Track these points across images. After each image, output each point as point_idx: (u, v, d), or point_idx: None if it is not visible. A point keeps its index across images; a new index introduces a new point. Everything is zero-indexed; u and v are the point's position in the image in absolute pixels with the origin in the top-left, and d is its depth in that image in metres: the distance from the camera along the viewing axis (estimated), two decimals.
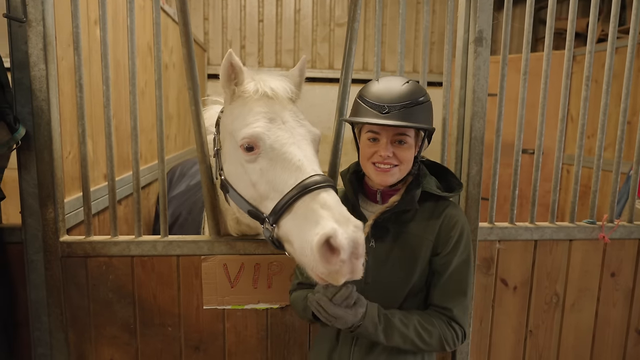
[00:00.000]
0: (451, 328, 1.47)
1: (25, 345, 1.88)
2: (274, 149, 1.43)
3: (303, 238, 1.26)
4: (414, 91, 1.44)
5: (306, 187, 1.32)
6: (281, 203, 1.35)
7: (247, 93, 1.55)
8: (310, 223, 1.25)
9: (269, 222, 1.38)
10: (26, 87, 1.71)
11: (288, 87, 1.59)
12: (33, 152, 1.75)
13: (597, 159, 2.11)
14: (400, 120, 1.39)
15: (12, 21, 1.67)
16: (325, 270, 1.21)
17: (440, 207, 1.53)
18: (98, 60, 2.29)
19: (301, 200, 1.31)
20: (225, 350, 1.95)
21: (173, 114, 4.05)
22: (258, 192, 1.44)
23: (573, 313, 2.17)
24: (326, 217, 1.24)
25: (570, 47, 2.00)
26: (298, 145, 1.45)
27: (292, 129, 1.49)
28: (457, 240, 1.49)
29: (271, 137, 1.44)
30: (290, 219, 1.33)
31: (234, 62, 1.52)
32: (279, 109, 1.52)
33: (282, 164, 1.40)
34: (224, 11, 5.97)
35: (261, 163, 1.44)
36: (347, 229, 1.20)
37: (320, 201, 1.28)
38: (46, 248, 1.80)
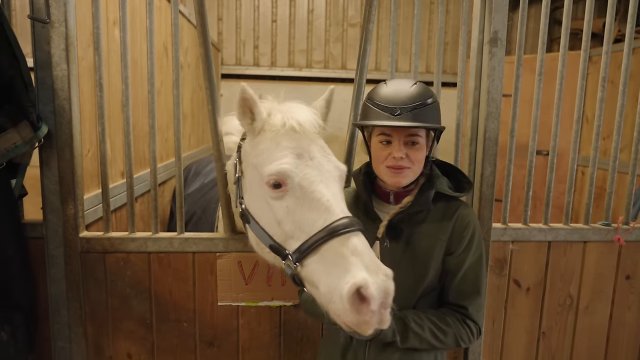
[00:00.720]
0: (466, 325, 1.49)
1: (46, 338, 1.93)
2: (302, 187, 1.36)
3: (332, 285, 1.21)
4: (422, 93, 1.45)
5: (335, 230, 1.27)
6: (308, 244, 1.29)
7: (274, 127, 1.47)
8: (340, 269, 1.21)
9: (292, 260, 1.33)
10: (49, 86, 1.76)
11: (315, 120, 1.52)
12: (54, 150, 1.79)
13: (613, 160, 2.10)
14: (411, 121, 1.40)
15: (35, 22, 1.71)
16: (354, 320, 1.17)
17: (452, 207, 1.55)
18: (116, 61, 2.33)
19: (329, 243, 1.26)
20: (239, 346, 1.98)
21: (187, 114, 4.10)
22: (283, 230, 1.37)
23: (587, 315, 2.16)
24: (357, 264, 1.19)
25: (587, 48, 1.99)
26: (326, 184, 1.38)
27: (320, 166, 1.43)
28: (469, 239, 1.51)
29: (299, 175, 1.37)
30: (316, 261, 1.28)
31: (247, 96, 1.45)
32: (306, 144, 1.45)
33: (310, 203, 1.34)
34: (237, 12, 6.01)
35: (288, 201, 1.36)
36: (377, 278, 1.17)
37: (350, 247, 1.23)
38: (66, 243, 1.84)
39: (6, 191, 1.74)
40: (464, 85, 1.98)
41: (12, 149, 1.66)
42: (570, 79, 2.15)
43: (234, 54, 6.05)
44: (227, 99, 5.90)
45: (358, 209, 1.59)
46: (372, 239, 1.50)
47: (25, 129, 1.67)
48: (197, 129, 4.54)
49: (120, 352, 1.95)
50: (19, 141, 1.67)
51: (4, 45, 1.63)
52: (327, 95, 1.67)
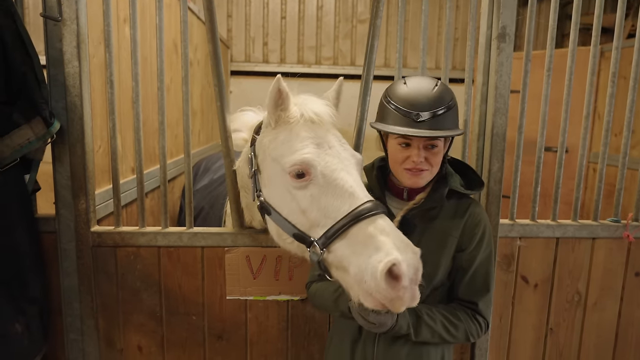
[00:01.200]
0: (475, 321, 1.53)
1: (59, 331, 1.97)
2: (324, 175, 1.39)
3: (362, 265, 1.23)
4: (444, 96, 1.44)
5: (361, 214, 1.30)
6: (334, 229, 1.31)
7: (292, 118, 1.51)
8: (370, 249, 1.23)
9: (319, 245, 1.34)
10: (61, 83, 1.79)
11: (331, 111, 1.56)
12: (67, 146, 1.82)
13: (623, 156, 2.08)
14: (433, 128, 1.40)
15: (48, 20, 1.74)
16: (388, 296, 1.19)
17: (463, 204, 1.56)
18: (127, 58, 2.36)
19: (357, 226, 1.29)
20: (247, 339, 2.01)
21: (197, 110, 4.13)
22: (308, 218, 1.39)
23: (595, 312, 2.15)
24: (387, 243, 1.23)
25: (597, 43, 1.98)
26: (347, 171, 1.42)
27: (339, 154, 1.47)
28: (480, 237, 1.54)
29: (321, 163, 1.41)
30: (344, 245, 1.30)
31: (282, 87, 1.48)
32: (323, 134, 1.50)
33: (333, 190, 1.37)
34: (247, 8, 6.03)
35: (312, 190, 1.39)
36: (407, 255, 1.20)
37: (379, 227, 1.27)
38: (78, 238, 1.88)
39: (20, 186, 1.78)
40: (472, 81, 1.97)
41: (25, 145, 1.70)
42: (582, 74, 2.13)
43: (244, 50, 6.08)
44: (236, 95, 5.93)
45: None
46: None
47: (38, 125, 1.71)
48: (206, 126, 4.58)
49: (130, 344, 1.99)
50: (32, 137, 1.70)
51: (17, 43, 1.66)
52: (337, 87, 1.70)
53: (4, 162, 1.68)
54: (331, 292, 1.57)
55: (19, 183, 1.78)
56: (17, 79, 1.67)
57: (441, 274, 1.53)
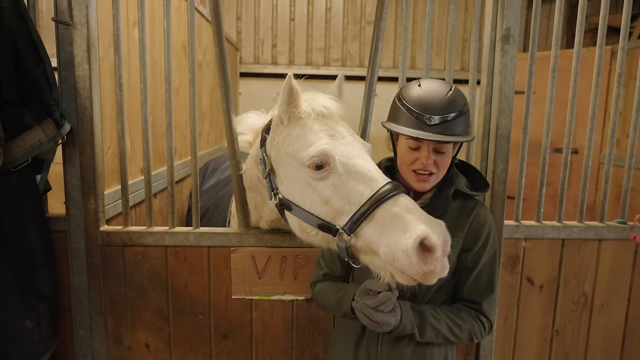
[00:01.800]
0: (479, 321, 1.54)
1: (68, 328, 2.01)
2: (343, 164, 1.43)
3: (393, 244, 1.25)
4: (457, 101, 1.44)
5: (384, 195, 1.32)
6: (359, 213, 1.33)
7: (304, 114, 1.55)
8: (399, 228, 1.26)
9: (346, 232, 1.35)
10: (71, 85, 1.83)
11: (338, 105, 1.61)
12: (77, 147, 1.87)
13: (629, 157, 2.07)
14: (444, 132, 1.41)
15: (59, 24, 1.79)
16: (421, 270, 1.21)
17: (469, 205, 1.57)
18: (136, 60, 2.40)
19: (382, 207, 1.31)
20: (252, 338, 2.03)
21: (206, 112, 4.18)
22: (332, 207, 1.41)
23: (602, 314, 2.14)
24: (414, 220, 1.25)
25: (602, 44, 1.97)
26: (363, 158, 1.47)
27: (352, 143, 1.51)
28: (485, 238, 1.55)
29: (338, 153, 1.45)
30: (371, 227, 1.32)
31: (293, 85, 1.52)
32: (334, 125, 1.55)
33: (354, 177, 1.40)
34: (256, 10, 6.08)
35: (333, 179, 1.42)
36: (434, 228, 1.23)
37: (403, 206, 1.29)
38: (87, 237, 1.92)
39: (31, 186, 1.83)
40: (476, 82, 1.98)
41: (37, 146, 1.74)
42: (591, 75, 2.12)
43: (253, 52, 6.12)
44: (245, 97, 5.98)
45: None
46: None
47: (49, 127, 1.75)
48: (215, 127, 4.62)
49: (138, 342, 2.02)
50: (44, 138, 1.75)
51: (29, 47, 1.71)
52: (338, 82, 1.78)
53: (16, 162, 1.72)
54: (334, 293, 1.59)
55: (31, 183, 1.82)
56: (29, 81, 1.72)
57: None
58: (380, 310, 1.39)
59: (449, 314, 1.52)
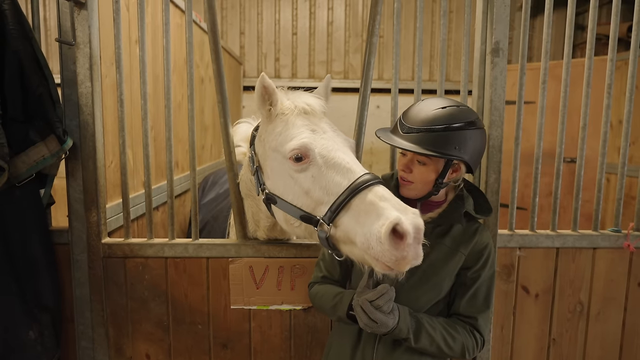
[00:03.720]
0: (473, 336, 1.57)
1: (71, 339, 2.05)
2: (323, 156, 1.50)
3: (367, 232, 1.30)
4: (444, 117, 1.47)
5: (360, 185, 1.38)
6: (337, 202, 1.39)
7: (287, 110, 1.63)
8: (372, 216, 1.31)
9: (326, 222, 1.42)
10: (74, 102, 1.90)
11: (321, 103, 1.69)
12: (79, 162, 1.93)
13: (622, 166, 2.10)
14: (415, 143, 1.46)
15: (62, 44, 1.86)
16: (393, 257, 1.25)
17: (472, 226, 1.62)
18: (138, 77, 2.48)
19: (358, 197, 1.37)
20: (251, 348, 2.06)
21: (209, 125, 4.25)
22: (312, 198, 1.48)
23: (598, 322, 2.14)
24: (388, 207, 1.30)
25: (591, 56, 2.01)
26: (342, 151, 1.54)
27: (333, 138, 1.59)
28: (486, 258, 1.60)
29: (318, 146, 1.52)
30: (348, 217, 1.37)
31: (266, 84, 1.60)
32: (317, 121, 1.63)
33: (332, 168, 1.47)
34: (259, 25, 6.19)
35: (312, 171, 1.50)
36: (408, 215, 1.27)
37: (378, 194, 1.35)
38: (89, 249, 1.97)
39: (35, 200, 1.89)
40: (466, 94, 2.02)
41: (40, 161, 1.80)
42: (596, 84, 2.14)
43: (256, 66, 6.22)
44: (249, 110, 6.06)
45: None
46: None
47: (53, 143, 1.82)
48: (218, 140, 4.69)
49: (139, 352, 2.06)
50: (47, 154, 1.81)
51: (34, 67, 1.78)
52: (325, 83, 1.87)
53: (21, 177, 1.78)
54: (331, 297, 1.62)
55: (35, 197, 1.89)
56: (34, 99, 1.78)
57: (445, 287, 1.58)
58: (380, 308, 1.42)
59: (444, 324, 1.55)
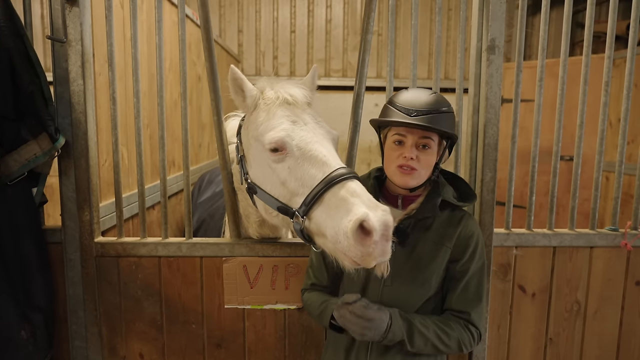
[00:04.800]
0: (468, 331, 1.55)
1: (64, 338, 2.04)
2: (300, 148, 1.51)
3: (337, 225, 1.32)
4: (439, 101, 1.52)
5: (334, 179, 1.40)
6: (311, 195, 1.42)
7: (269, 100, 1.64)
8: (342, 211, 1.32)
9: (300, 215, 1.45)
10: (66, 100, 1.88)
11: (305, 93, 1.68)
12: (72, 160, 1.91)
13: (619, 164, 2.08)
14: (426, 123, 1.46)
15: (54, 41, 1.84)
16: (359, 252, 1.27)
17: (456, 216, 1.60)
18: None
19: (330, 191, 1.39)
20: (245, 348, 2.05)
21: (206, 124, 4.23)
22: (288, 189, 1.51)
23: (596, 322, 2.13)
24: (357, 203, 1.31)
25: (588, 53, 1.99)
26: (321, 143, 1.54)
27: (314, 129, 1.59)
28: (473, 249, 1.57)
29: (296, 138, 1.53)
30: (321, 209, 1.40)
31: (235, 75, 1.66)
32: (299, 112, 1.63)
33: (309, 161, 1.48)
34: (257, 23, 6.17)
35: (289, 162, 1.52)
36: (376, 212, 1.27)
37: (350, 190, 1.36)
38: (82, 248, 1.96)
39: (28, 199, 1.87)
40: (462, 92, 2.00)
41: (32, 160, 1.79)
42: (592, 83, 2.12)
43: (254, 64, 6.20)
44: None
45: None
46: None
47: (45, 141, 1.80)
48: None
49: (133, 352, 2.05)
50: (39, 152, 1.79)
51: (26, 65, 1.76)
52: (312, 73, 1.84)
53: (13, 176, 1.77)
54: (317, 306, 1.62)
55: (27, 196, 1.87)
56: (25, 97, 1.77)
57: (433, 283, 1.56)
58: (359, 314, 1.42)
59: (437, 322, 1.53)
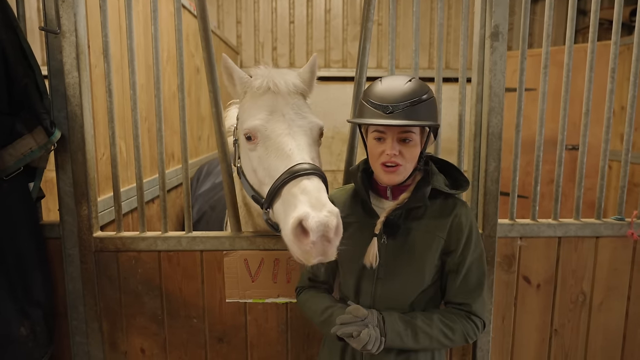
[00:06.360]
0: (471, 321, 1.52)
1: (64, 334, 2.02)
2: (270, 139, 1.56)
3: (284, 221, 1.39)
4: (416, 89, 1.44)
5: (293, 174, 1.43)
6: (272, 188, 1.48)
7: (253, 89, 1.67)
8: (291, 208, 1.36)
9: (265, 206, 1.53)
10: (61, 93, 1.85)
11: (292, 82, 1.67)
12: (68, 154, 1.88)
13: (625, 153, 2.04)
14: (403, 119, 1.40)
15: (48, 33, 1.80)
16: (298, 250, 1.33)
17: (449, 204, 1.55)
18: None
19: (286, 186, 1.43)
20: (247, 342, 2.03)
21: (206, 116, 4.19)
22: (258, 177, 1.59)
23: (601, 312, 2.11)
24: (303, 202, 1.34)
25: (594, 39, 1.95)
26: (292, 136, 1.56)
27: (291, 121, 1.60)
28: (467, 237, 1.53)
29: (269, 128, 1.57)
30: (279, 204, 1.46)
31: (227, 65, 1.72)
32: (281, 103, 1.63)
33: (275, 152, 1.53)
34: (255, 14, 6.10)
35: (259, 151, 1.57)
36: (319, 213, 1.29)
37: (301, 187, 1.39)
38: (81, 243, 1.93)
39: (24, 194, 1.84)
40: (465, 80, 1.96)
41: (28, 154, 1.76)
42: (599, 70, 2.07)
43: (253, 55, 6.14)
44: None
45: (356, 206, 1.61)
46: (370, 236, 1.52)
47: (40, 135, 1.77)
48: None
49: (134, 347, 2.03)
50: (34, 146, 1.76)
51: (19, 57, 1.73)
52: (311, 62, 1.81)
53: (8, 170, 1.74)
54: (319, 312, 1.58)
55: (24, 191, 1.84)
56: (19, 90, 1.73)
57: (428, 274, 1.52)
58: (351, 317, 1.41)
59: (441, 317, 1.50)
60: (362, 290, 1.57)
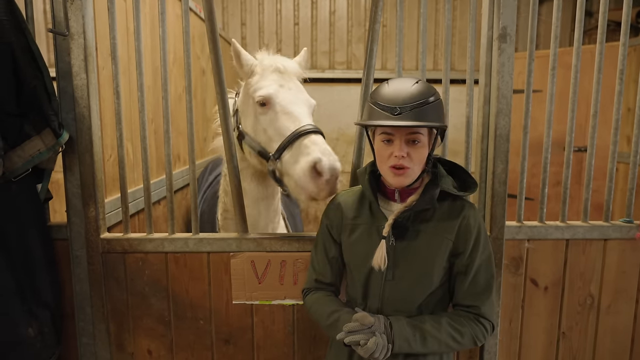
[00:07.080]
0: (480, 324, 1.52)
1: (71, 335, 2.03)
2: (281, 105, 1.88)
3: (298, 166, 1.71)
4: (423, 91, 1.44)
5: (302, 132, 1.77)
6: (284, 141, 1.79)
7: (264, 66, 1.99)
8: (304, 155, 1.71)
9: (274, 158, 1.82)
10: (70, 95, 1.85)
11: (293, 66, 2.05)
12: (76, 155, 1.89)
13: (634, 155, 2.03)
14: (412, 120, 1.40)
15: (56, 35, 1.81)
16: (312, 188, 1.67)
17: (457, 206, 1.54)
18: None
19: (298, 140, 1.76)
20: (254, 343, 2.03)
21: (211, 118, 4.19)
22: (267, 136, 1.87)
23: (609, 315, 2.09)
24: (315, 150, 1.69)
25: (602, 40, 1.94)
26: (298, 105, 1.90)
27: (296, 94, 1.95)
28: (476, 239, 1.52)
29: (279, 97, 1.89)
30: (289, 154, 1.77)
31: (236, 48, 2.02)
32: (287, 80, 1.98)
33: (286, 115, 1.85)
34: (260, 16, 6.11)
35: (271, 115, 1.88)
36: (330, 157, 1.67)
37: (312, 140, 1.74)
38: (88, 244, 1.94)
39: (32, 195, 1.85)
40: (472, 82, 1.95)
41: (36, 155, 1.76)
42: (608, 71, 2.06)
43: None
44: None
45: (364, 208, 1.61)
46: (378, 238, 1.52)
47: (48, 136, 1.77)
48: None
49: (141, 348, 2.03)
50: (43, 148, 1.77)
51: (28, 59, 1.73)
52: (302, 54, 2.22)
53: (17, 172, 1.74)
54: (325, 315, 1.57)
55: (32, 192, 1.85)
56: (28, 92, 1.74)
57: (436, 277, 1.52)
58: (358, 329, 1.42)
59: (449, 320, 1.50)
60: (370, 293, 1.56)
